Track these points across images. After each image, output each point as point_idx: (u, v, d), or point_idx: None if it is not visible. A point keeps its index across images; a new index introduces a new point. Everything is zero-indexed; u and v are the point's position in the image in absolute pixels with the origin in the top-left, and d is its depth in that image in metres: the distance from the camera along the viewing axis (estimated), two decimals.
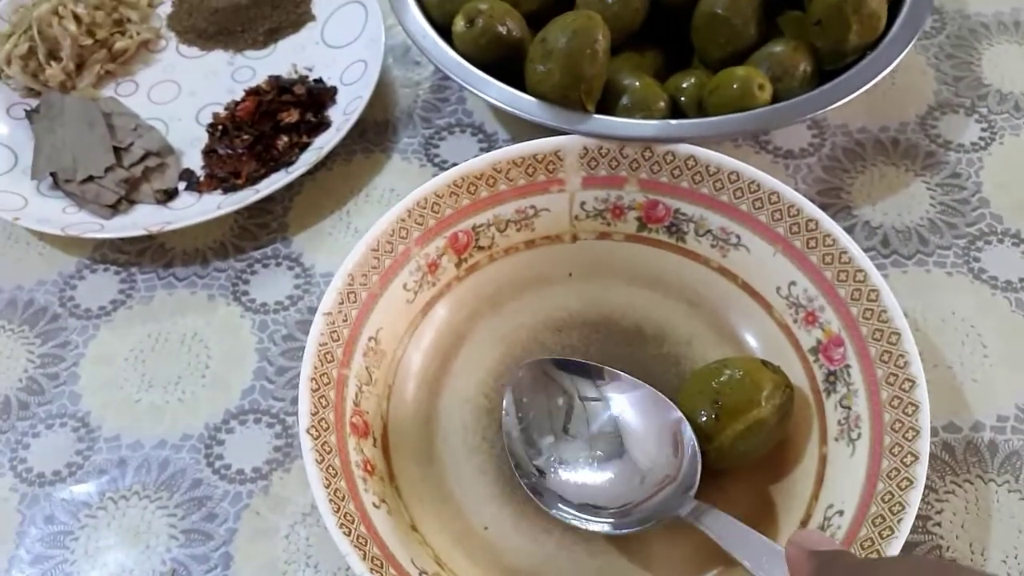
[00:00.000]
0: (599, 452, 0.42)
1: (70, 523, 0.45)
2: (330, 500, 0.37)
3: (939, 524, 0.43)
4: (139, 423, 0.48)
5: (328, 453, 0.39)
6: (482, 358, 0.48)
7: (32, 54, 0.60)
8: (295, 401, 0.42)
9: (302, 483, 0.44)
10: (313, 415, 0.40)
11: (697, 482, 0.40)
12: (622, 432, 0.42)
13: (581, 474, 0.42)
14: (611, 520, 0.41)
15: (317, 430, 0.39)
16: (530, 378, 0.44)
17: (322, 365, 0.41)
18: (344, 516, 0.37)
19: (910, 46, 0.50)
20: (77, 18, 0.61)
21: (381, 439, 0.44)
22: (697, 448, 0.40)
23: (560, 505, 0.41)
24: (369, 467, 0.41)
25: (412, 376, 0.47)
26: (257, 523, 0.45)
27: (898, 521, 0.37)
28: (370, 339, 0.44)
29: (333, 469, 0.39)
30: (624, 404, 0.43)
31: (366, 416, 0.43)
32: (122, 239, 0.54)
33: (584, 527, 0.41)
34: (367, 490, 0.40)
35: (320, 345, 0.41)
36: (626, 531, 0.40)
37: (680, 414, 0.42)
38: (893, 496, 0.37)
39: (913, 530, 0.38)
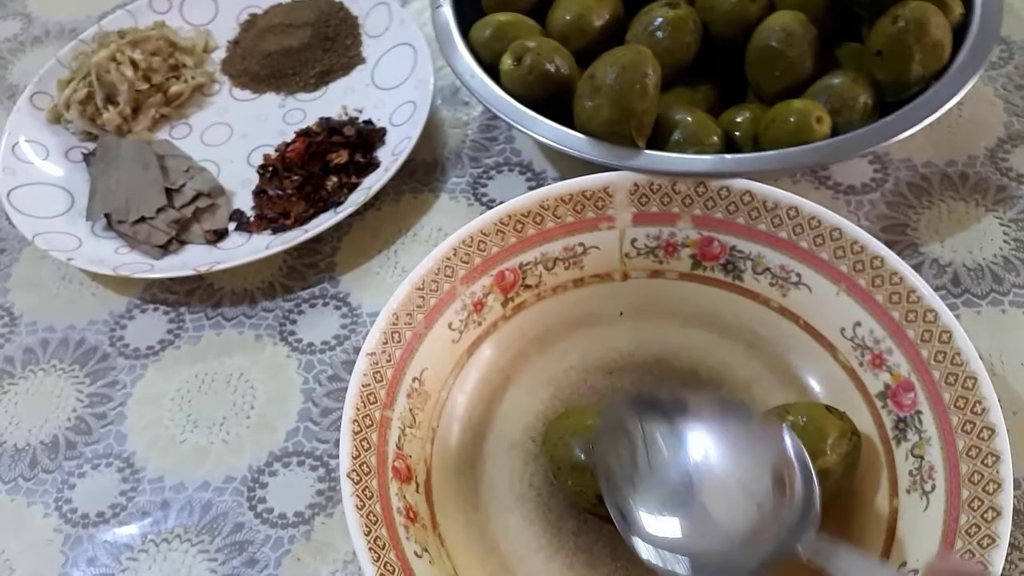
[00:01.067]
0: (674, 493, 0.37)
1: (112, 565, 0.44)
2: (370, 548, 0.36)
3: None
4: (183, 464, 0.47)
5: (369, 499, 0.38)
6: (530, 401, 0.46)
7: (90, 99, 0.61)
8: (339, 443, 0.41)
9: (344, 529, 0.42)
10: (355, 458, 0.38)
11: (818, 513, 0.34)
12: (699, 465, 0.37)
13: (658, 517, 0.36)
14: (696, 570, 0.35)
15: (358, 474, 0.38)
16: (608, 431, 0.39)
17: (365, 407, 0.40)
18: (385, 566, 0.36)
19: (976, 76, 0.48)
20: (134, 64, 0.62)
21: (424, 485, 0.42)
22: (814, 473, 0.35)
23: (643, 545, 0.36)
24: (411, 514, 0.40)
25: (457, 419, 0.45)
26: (298, 570, 0.43)
27: None
28: (414, 380, 0.43)
29: (374, 516, 0.37)
30: (700, 433, 0.38)
31: (409, 460, 0.41)
32: (172, 279, 0.54)
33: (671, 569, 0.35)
34: (409, 538, 0.38)
35: (363, 386, 0.40)
36: None
37: (779, 426, 0.37)
38: (974, 555, 0.34)
39: None
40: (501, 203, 0.47)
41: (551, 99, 0.51)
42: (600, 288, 0.48)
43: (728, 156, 0.46)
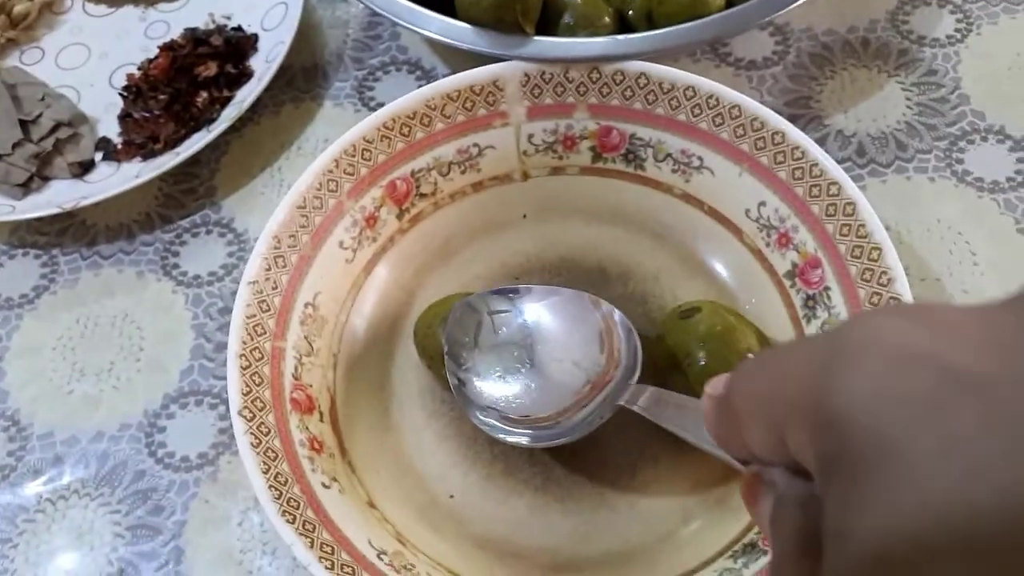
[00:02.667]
0: (510, 363, 0.40)
1: (7, 530, 0.42)
2: (270, 486, 0.34)
3: None
4: (73, 416, 0.44)
5: (266, 435, 0.36)
6: None
7: None
8: None
9: None
10: (246, 395, 0.36)
11: (638, 368, 0.38)
12: (534, 339, 0.40)
13: (494, 385, 0.39)
14: (530, 431, 0.38)
15: (251, 411, 0.36)
16: (459, 311, 0.41)
17: (252, 339, 0.38)
18: (288, 502, 0.34)
19: None
20: None
21: (329, 413, 0.40)
22: (636, 335, 0.38)
23: (479, 415, 0.39)
24: (316, 444, 0.38)
25: (359, 341, 0.43)
26: (207, 512, 0.41)
27: None
28: (307, 306, 0.40)
29: (272, 452, 0.35)
30: (538, 311, 0.40)
31: (309, 390, 0.39)
32: (39, 219, 0.50)
33: (505, 439, 0.38)
34: (315, 470, 0.37)
35: (248, 318, 0.38)
36: (557, 441, 0.38)
37: (608, 307, 0.40)
38: None
39: None
40: None
41: None
42: (500, 190, 0.46)
43: (621, 37, 0.43)
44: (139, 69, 0.54)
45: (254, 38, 0.54)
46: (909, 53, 0.52)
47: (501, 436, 0.38)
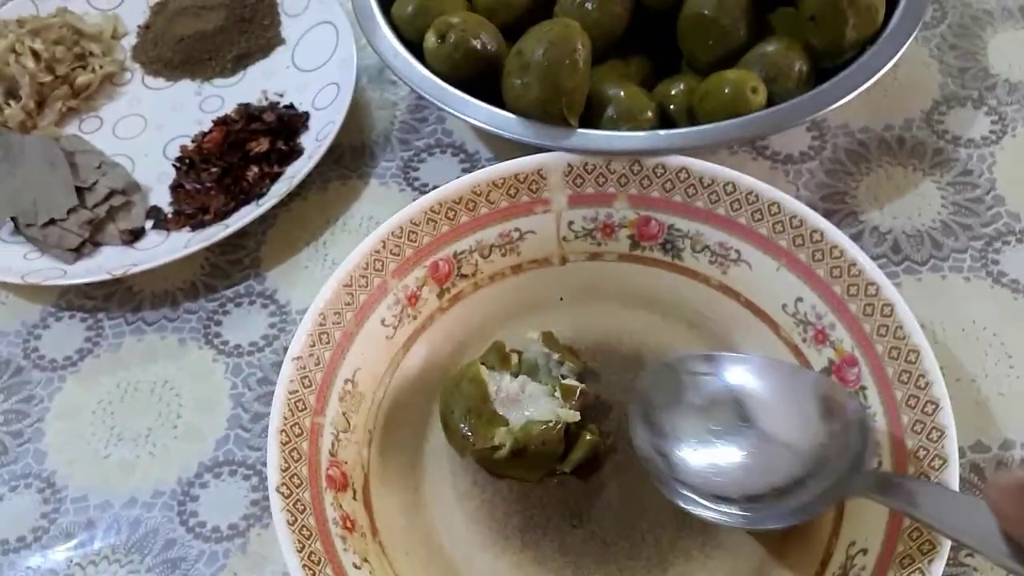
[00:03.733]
0: (717, 429, 0.36)
1: None
2: (304, 565, 0.34)
3: (971, 555, 0.39)
4: (108, 481, 0.45)
5: (301, 512, 0.36)
6: None
7: None
8: None
9: None
10: (284, 471, 0.37)
11: (870, 458, 0.34)
12: (743, 405, 0.36)
13: (698, 453, 0.36)
14: (737, 511, 0.35)
15: (289, 487, 0.36)
16: (653, 373, 0.39)
17: (293, 415, 0.38)
18: None
19: (911, 38, 0.47)
20: (36, 54, 0.58)
21: (362, 491, 0.40)
22: (866, 413, 0.35)
23: (678, 487, 0.36)
24: (349, 523, 0.38)
25: (395, 418, 0.43)
26: None
27: (929, 561, 0.33)
28: (346, 382, 0.41)
29: (307, 530, 0.36)
30: (744, 375, 0.37)
31: (344, 467, 0.40)
32: (88, 284, 0.51)
33: (704, 515, 0.35)
34: (347, 549, 0.37)
35: (290, 393, 0.38)
36: (767, 526, 0.35)
37: (830, 382, 0.36)
38: (922, 533, 0.34)
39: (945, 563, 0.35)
40: (434, 187, 0.45)
41: (479, 77, 0.49)
42: (539, 274, 0.47)
43: (663, 132, 0.45)
44: (193, 141, 0.56)
45: (305, 116, 0.56)
46: (944, 152, 0.52)
47: (702, 512, 0.35)
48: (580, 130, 0.45)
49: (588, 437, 0.41)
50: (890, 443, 0.37)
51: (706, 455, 0.36)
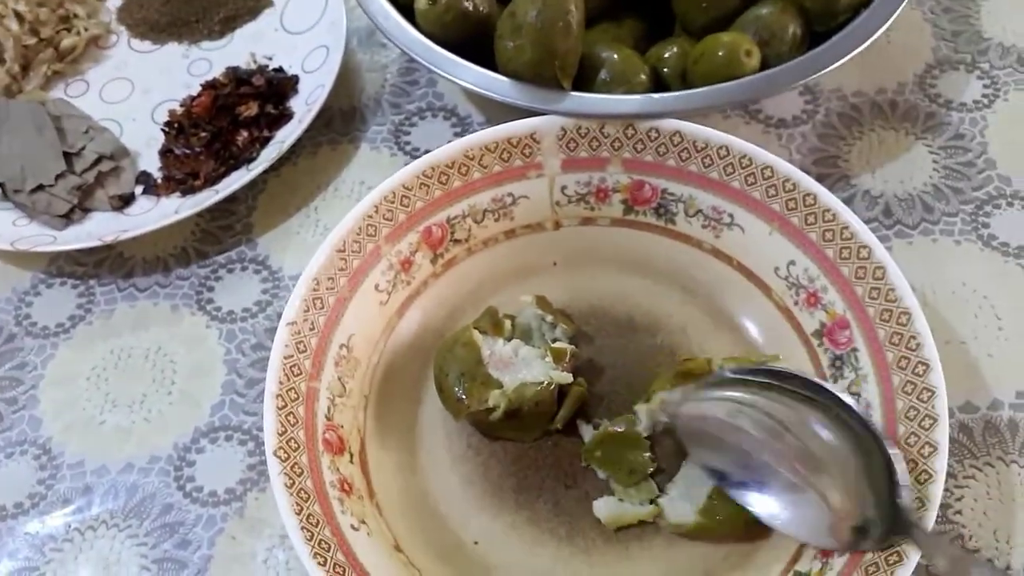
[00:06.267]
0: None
1: (35, 558, 0.42)
2: (303, 527, 0.35)
3: (960, 512, 0.40)
4: (104, 447, 0.45)
5: (299, 475, 0.36)
6: None
7: None
8: None
9: None
10: (281, 435, 0.37)
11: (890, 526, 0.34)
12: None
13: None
14: None
15: (286, 451, 0.37)
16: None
17: (289, 379, 0.38)
18: (319, 544, 0.35)
19: (905, 2, 0.47)
20: (19, 16, 0.57)
21: (359, 454, 0.41)
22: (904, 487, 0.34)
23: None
24: (346, 486, 0.38)
25: (390, 383, 0.44)
26: (233, 548, 0.42)
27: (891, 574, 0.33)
28: (341, 347, 0.41)
29: (305, 493, 0.36)
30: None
31: (341, 431, 0.40)
32: (78, 250, 0.51)
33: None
34: (344, 512, 0.37)
35: (285, 358, 0.38)
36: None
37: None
38: (912, 492, 0.35)
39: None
40: (426, 152, 0.45)
41: (471, 40, 0.48)
42: (532, 239, 0.47)
43: (656, 95, 0.45)
44: (181, 106, 0.55)
45: (295, 79, 0.55)
46: (936, 116, 0.52)
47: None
48: (573, 93, 0.45)
49: (575, 389, 0.41)
50: (881, 404, 0.38)
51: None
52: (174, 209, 0.50)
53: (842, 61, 0.45)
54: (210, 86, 0.55)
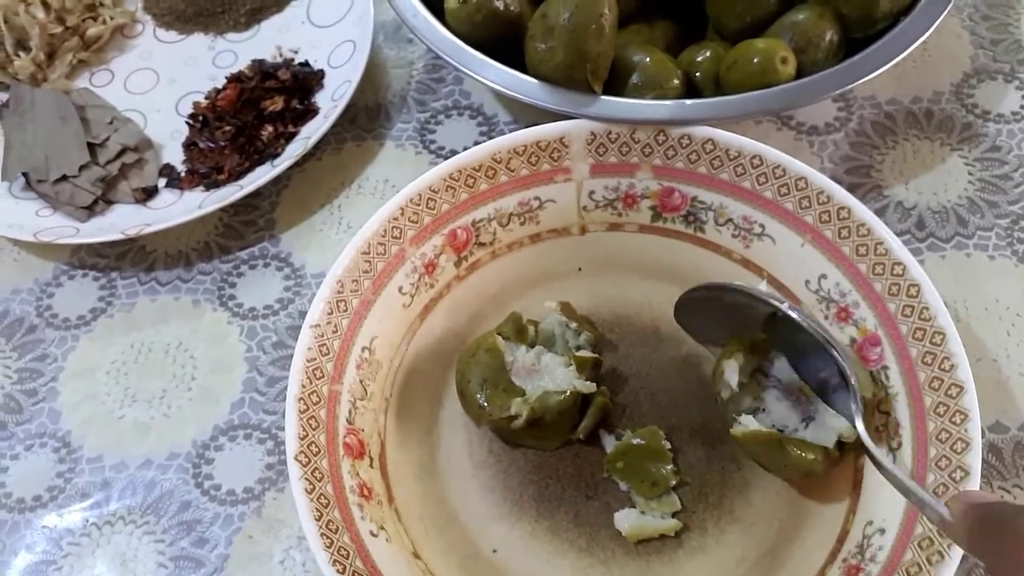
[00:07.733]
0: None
1: (52, 552, 0.42)
2: (322, 534, 0.34)
3: None
4: (123, 442, 0.45)
5: (319, 480, 0.36)
6: None
7: None
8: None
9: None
10: (302, 439, 0.36)
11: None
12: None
13: None
14: None
15: (307, 455, 0.36)
16: None
17: (311, 383, 0.38)
18: (338, 551, 0.34)
19: (946, 11, 0.46)
20: (46, 5, 0.57)
21: (379, 458, 0.40)
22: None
23: None
24: (366, 491, 0.38)
25: (411, 386, 0.43)
26: (250, 548, 0.42)
27: (948, 544, 0.33)
28: (364, 350, 0.41)
29: (325, 498, 0.36)
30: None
31: (361, 434, 0.40)
32: (101, 243, 0.51)
33: None
34: (364, 517, 0.37)
35: (308, 361, 0.38)
36: None
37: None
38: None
39: None
40: (451, 151, 0.44)
41: (501, 40, 0.47)
42: (557, 243, 0.46)
43: (688, 102, 0.44)
44: (206, 98, 0.55)
45: (321, 74, 0.54)
46: (973, 127, 0.51)
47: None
48: (604, 97, 0.44)
49: (598, 399, 0.40)
50: (911, 424, 0.37)
51: None
52: (197, 204, 0.49)
53: (880, 71, 0.44)
54: (235, 79, 0.55)
